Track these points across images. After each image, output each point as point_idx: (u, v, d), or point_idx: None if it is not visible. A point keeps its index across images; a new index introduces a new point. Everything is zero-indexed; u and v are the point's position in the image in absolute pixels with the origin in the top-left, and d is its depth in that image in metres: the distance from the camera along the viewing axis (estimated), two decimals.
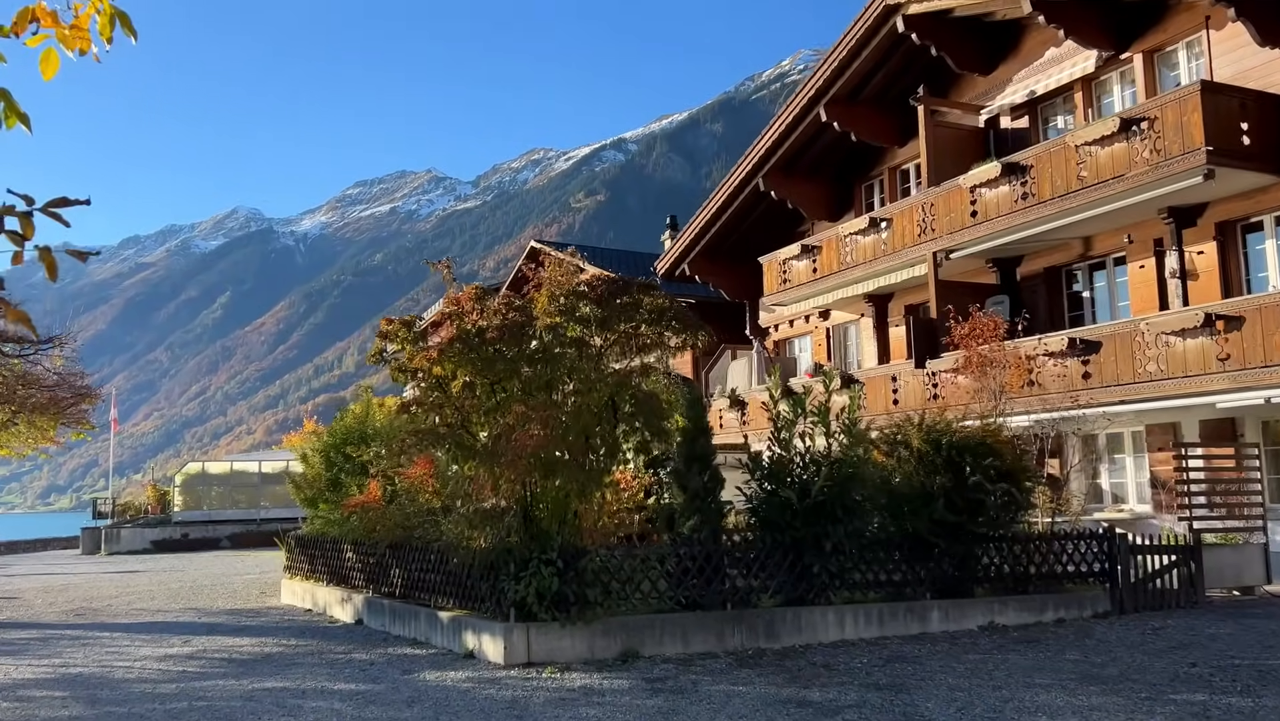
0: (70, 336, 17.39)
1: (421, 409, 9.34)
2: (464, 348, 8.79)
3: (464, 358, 8.82)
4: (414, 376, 9.64)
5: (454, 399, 9.43)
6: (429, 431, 9.27)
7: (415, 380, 9.57)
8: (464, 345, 8.79)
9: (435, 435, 9.07)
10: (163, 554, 32.85)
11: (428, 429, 9.29)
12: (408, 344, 9.55)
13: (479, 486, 9.83)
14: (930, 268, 17.17)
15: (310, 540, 14.55)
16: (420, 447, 9.10)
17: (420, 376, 9.40)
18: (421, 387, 9.50)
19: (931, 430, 10.58)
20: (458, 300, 9.30)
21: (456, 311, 9.14)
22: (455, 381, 8.78)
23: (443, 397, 9.41)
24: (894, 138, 20.27)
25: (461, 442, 9.13)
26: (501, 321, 8.93)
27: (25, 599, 17.91)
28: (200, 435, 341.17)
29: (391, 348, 9.96)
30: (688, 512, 10.34)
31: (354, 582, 13.11)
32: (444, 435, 9.07)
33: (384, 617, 11.96)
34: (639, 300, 9.34)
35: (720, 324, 19.86)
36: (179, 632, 12.56)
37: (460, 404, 9.54)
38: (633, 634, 9.59)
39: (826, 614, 10.21)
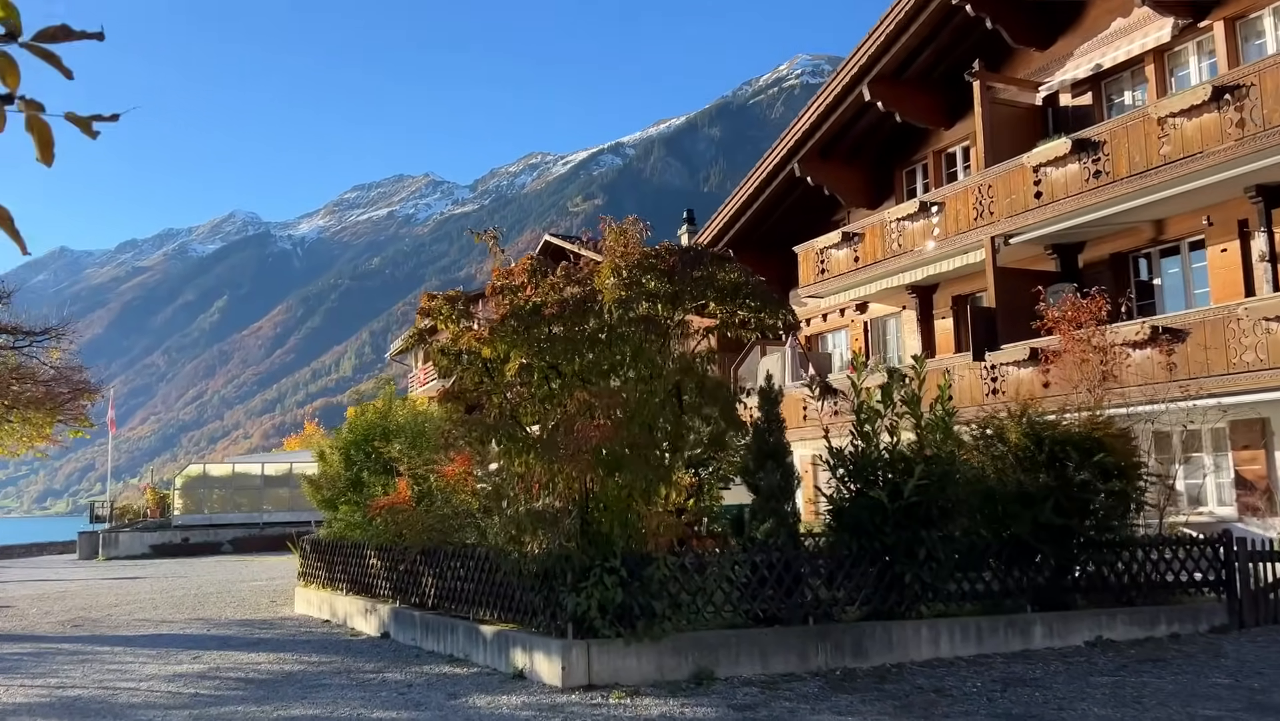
0: (68, 328, 16.25)
1: (471, 397, 8.21)
2: (519, 326, 7.68)
3: (518, 337, 7.71)
4: (458, 360, 8.52)
5: (502, 386, 8.31)
6: (476, 422, 8.14)
7: (460, 365, 8.45)
8: (519, 323, 7.68)
9: (484, 426, 7.95)
10: (163, 559, 31.66)
11: (475, 419, 8.16)
12: (451, 323, 8.43)
13: (530, 485, 8.71)
14: (988, 253, 16.08)
15: (328, 545, 13.41)
16: (468, 440, 7.99)
17: (466, 360, 8.28)
18: (467, 373, 8.38)
19: (1033, 423, 9.47)
20: (509, 272, 8.18)
21: (508, 285, 8.02)
22: (510, 364, 7.66)
23: (490, 384, 8.29)
24: (940, 118, 19.21)
25: (513, 435, 8.01)
26: (560, 297, 7.82)
27: (19, 607, 16.73)
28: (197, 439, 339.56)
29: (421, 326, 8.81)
30: (762, 515, 9.22)
31: (379, 592, 11.97)
32: (493, 426, 7.95)
33: (414, 631, 10.82)
34: (713, 274, 8.23)
35: None
36: (187, 646, 11.41)
37: (507, 391, 8.42)
38: (705, 652, 8.46)
39: (919, 629, 9.08)
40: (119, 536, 33.86)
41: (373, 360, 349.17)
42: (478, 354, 8.17)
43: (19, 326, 15.83)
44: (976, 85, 16.59)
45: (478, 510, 10.17)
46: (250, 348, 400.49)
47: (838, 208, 21.87)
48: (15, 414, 15.53)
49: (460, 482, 10.08)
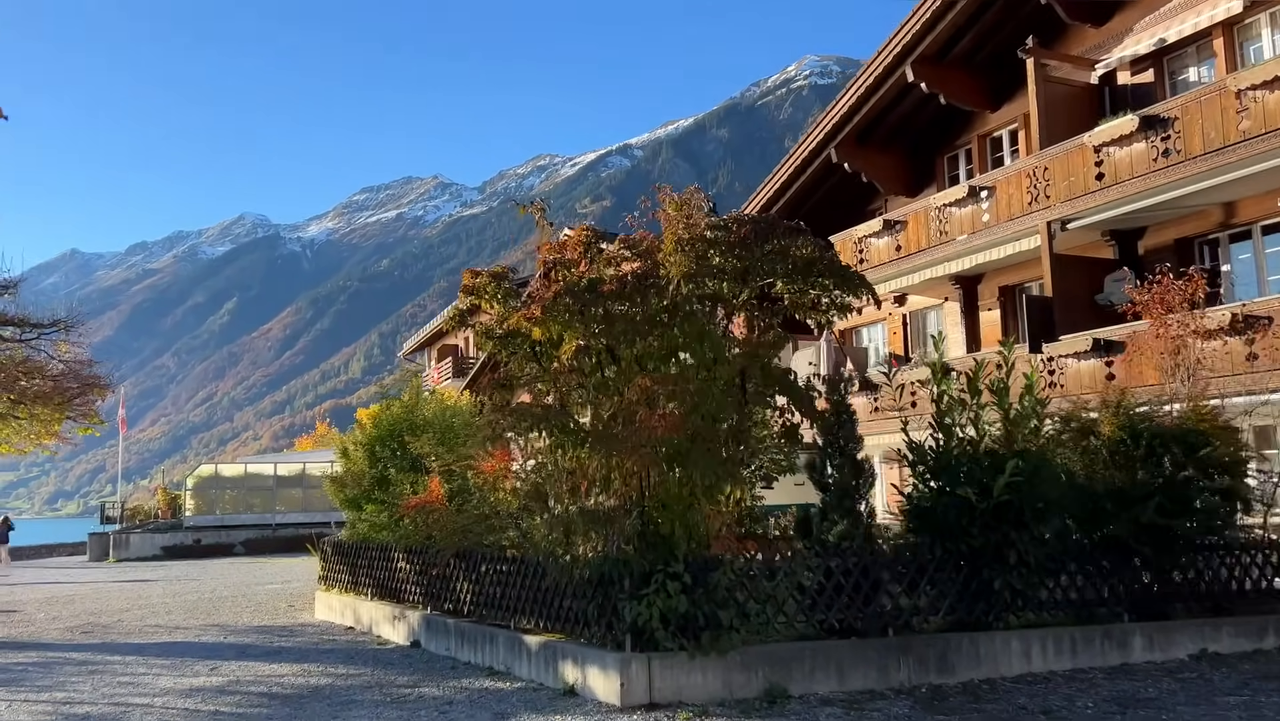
0: (77, 321, 15.52)
1: (521, 384, 7.42)
2: (574, 304, 6.88)
3: (574, 317, 6.91)
4: (504, 343, 7.73)
5: (552, 372, 7.52)
6: (524, 411, 7.35)
7: (506, 348, 7.65)
8: (574, 301, 6.89)
9: (534, 416, 7.16)
10: (174, 560, 31.01)
11: (523, 408, 7.36)
12: (497, 302, 7.63)
13: (578, 481, 7.91)
14: (1044, 240, 15.22)
15: (352, 547, 12.63)
16: (517, 431, 7.20)
17: (514, 343, 7.49)
18: (514, 357, 7.58)
19: (1130, 415, 8.63)
20: (562, 245, 7.38)
21: (560, 260, 7.22)
22: (564, 347, 6.86)
23: (539, 370, 7.50)
24: (985, 101, 18.37)
25: (566, 426, 7.21)
26: (618, 272, 7.02)
27: (26, 612, 16.02)
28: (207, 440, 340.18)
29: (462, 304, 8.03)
30: (834, 515, 8.40)
31: (408, 597, 11.18)
32: (544, 416, 7.16)
33: (448, 640, 10.02)
34: (785, 247, 7.42)
35: None
36: (203, 656, 10.65)
37: (558, 378, 7.62)
38: (777, 666, 7.65)
39: (1009, 640, 8.25)
40: (130, 538, 33.23)
41: (382, 361, 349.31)
42: (527, 336, 7.38)
43: (25, 319, 15.12)
44: (1030, 62, 15.73)
45: (517, 509, 9.37)
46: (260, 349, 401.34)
47: (874, 196, 21.04)
48: (22, 409, 14.81)
49: (499, 480, 9.29)
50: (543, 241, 7.61)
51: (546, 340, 7.25)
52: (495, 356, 7.71)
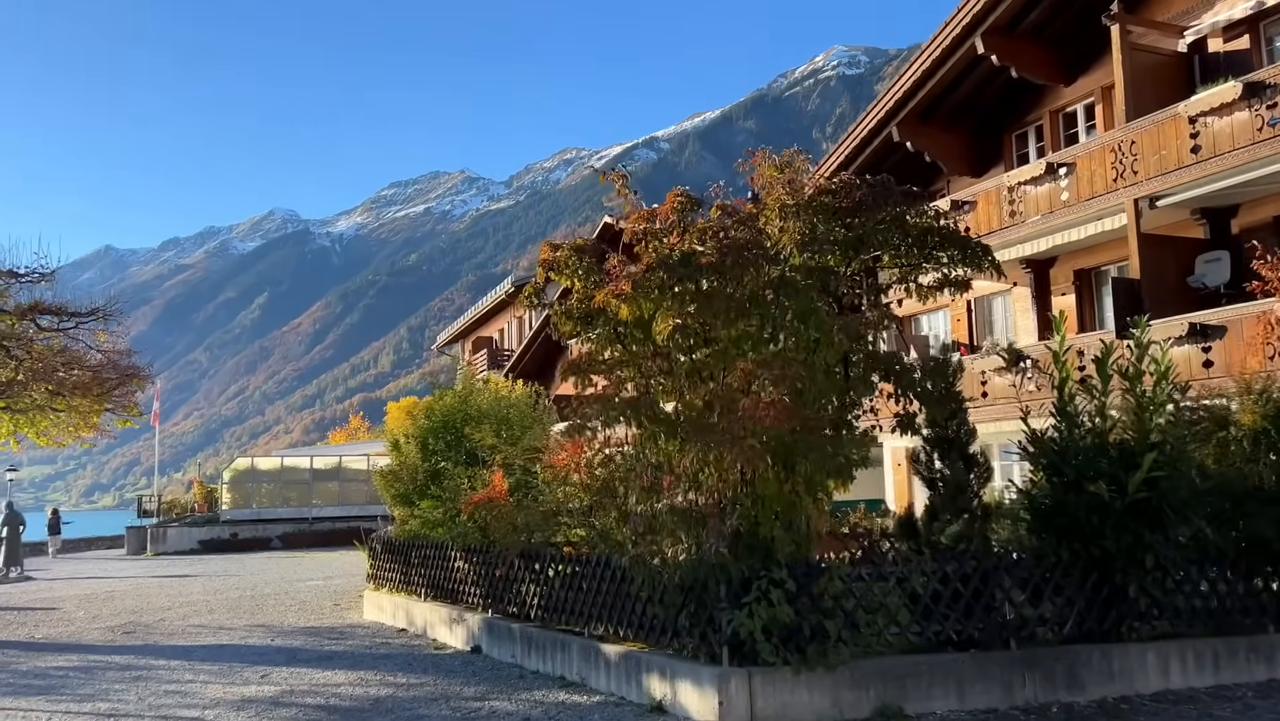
0: (116, 309, 15.00)
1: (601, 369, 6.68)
2: (669, 278, 6.13)
3: (668, 293, 6.16)
4: (587, 324, 6.99)
5: (638, 355, 6.78)
6: (612, 401, 6.61)
7: (587, 328, 6.92)
8: (669, 275, 6.13)
9: (624, 405, 6.42)
10: (211, 554, 30.69)
11: (607, 395, 6.63)
12: (579, 278, 6.89)
13: (665, 476, 7.17)
14: (1131, 218, 14.24)
15: (404, 544, 11.98)
16: (605, 422, 6.46)
17: (598, 322, 6.76)
18: (597, 339, 6.85)
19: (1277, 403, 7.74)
20: (652, 213, 6.62)
21: (650, 230, 6.47)
22: (658, 325, 6.11)
23: (625, 354, 6.76)
24: (1059, 74, 17.35)
25: (657, 415, 6.46)
26: (717, 243, 6.26)
27: (65, 610, 15.57)
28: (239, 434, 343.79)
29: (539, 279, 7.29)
30: (946, 514, 7.59)
31: (467, 599, 10.51)
32: (633, 405, 6.42)
33: (513, 646, 9.33)
34: (901, 214, 6.62)
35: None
36: (252, 661, 10.04)
37: (643, 362, 6.88)
38: (891, 683, 6.88)
39: (1145, 653, 7.41)
40: (167, 532, 33.00)
41: (410, 355, 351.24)
42: (612, 316, 6.64)
43: (63, 307, 14.62)
44: (1115, 29, 14.74)
45: (589, 505, 8.65)
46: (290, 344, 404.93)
47: (936, 176, 20.07)
48: (61, 400, 14.31)
49: (570, 474, 8.56)
50: (631, 211, 6.84)
51: (634, 320, 6.51)
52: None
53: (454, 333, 50.21)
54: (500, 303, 42.53)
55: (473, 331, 47.68)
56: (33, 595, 18.44)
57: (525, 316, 41.57)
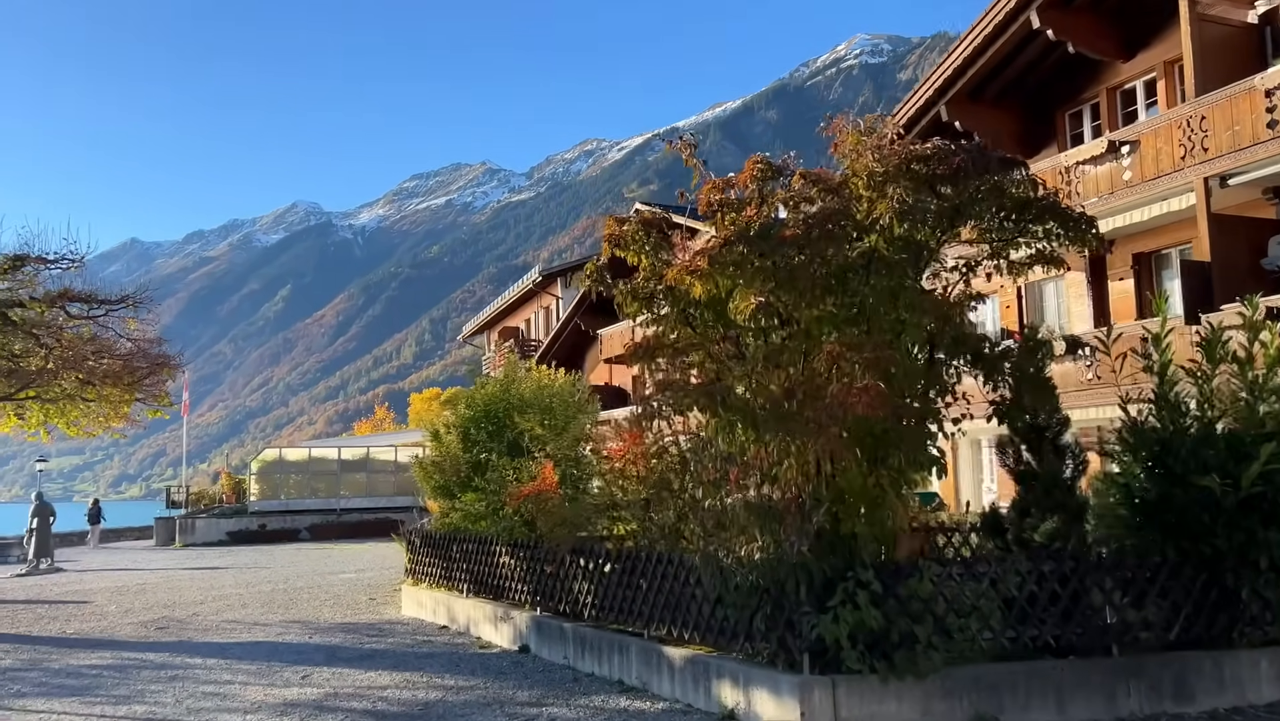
0: (146, 296, 14.66)
1: (668, 352, 6.17)
2: (750, 252, 5.61)
3: (749, 269, 5.64)
4: (648, 305, 6.48)
5: (709, 338, 6.27)
6: (679, 386, 6.11)
7: (652, 310, 6.41)
8: (750, 249, 5.61)
9: (699, 392, 5.92)
10: (240, 545, 30.51)
11: (677, 382, 6.12)
12: (647, 254, 6.38)
13: (732, 470, 6.67)
14: (1201, 197, 13.55)
15: (444, 538, 11.55)
16: (677, 409, 5.96)
17: (667, 302, 6.25)
18: (663, 320, 6.33)
19: None
20: (727, 183, 6.09)
21: (726, 201, 5.94)
22: (736, 303, 5.58)
23: (696, 336, 6.25)
24: (1118, 49, 16.64)
25: (730, 402, 5.95)
26: (803, 214, 5.72)
27: (97, 603, 15.29)
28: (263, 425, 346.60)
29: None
30: (1039, 511, 7.03)
31: (514, 596, 10.06)
32: (709, 392, 5.92)
33: (564, 646, 8.86)
34: (999, 183, 6.06)
35: None
36: (290, 659, 9.64)
37: (715, 345, 6.37)
38: (985, 692, 6.36)
39: (1259, 661, 6.84)
40: (195, 523, 32.85)
41: (433, 347, 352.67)
42: (683, 294, 6.12)
43: (93, 295, 14.28)
44: (1183, 0, 14.02)
45: (646, 499, 8.15)
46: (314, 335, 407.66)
47: None
48: (91, 390, 13.98)
49: (629, 465, 8.07)
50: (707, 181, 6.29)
51: (708, 299, 5.99)
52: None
53: (480, 323, 49.89)
54: (527, 292, 42.13)
55: (499, 321, 47.33)
56: (64, 587, 18.22)
57: (553, 306, 41.13)
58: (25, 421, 15.11)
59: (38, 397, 14.09)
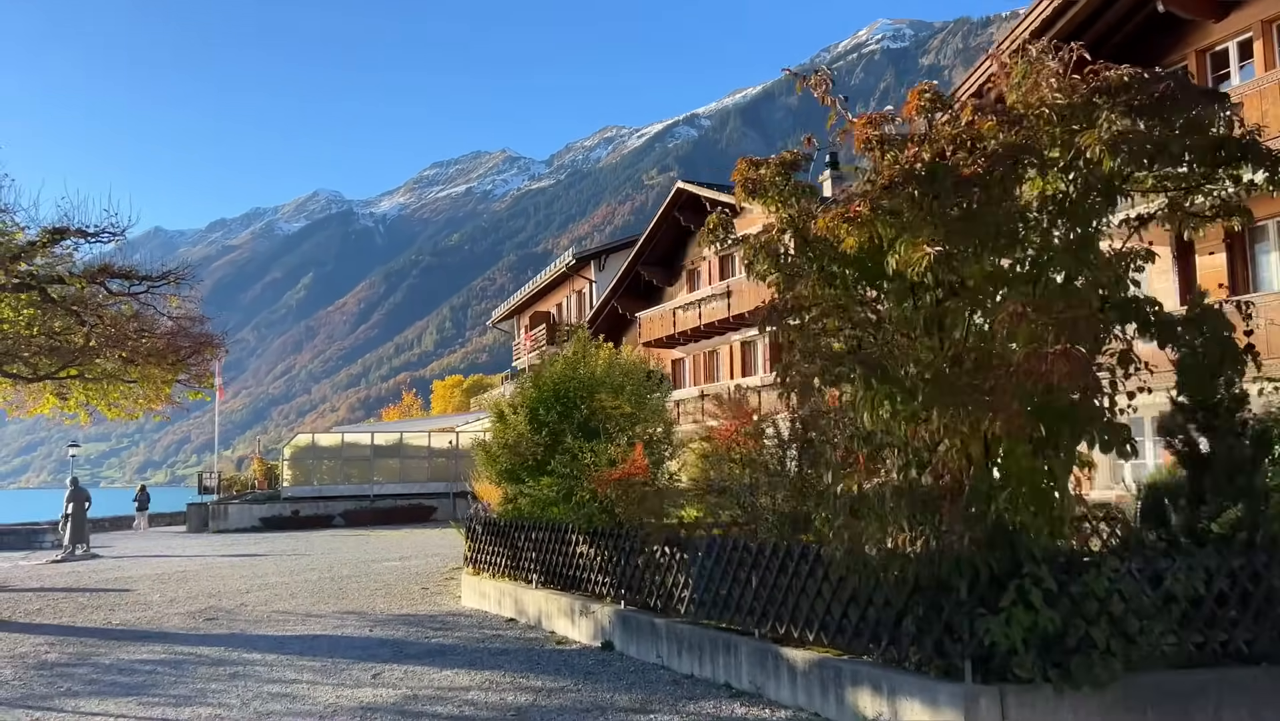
0: (189, 272, 14.00)
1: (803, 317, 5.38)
2: (922, 195, 4.80)
3: (919, 215, 4.83)
4: (777, 264, 5.68)
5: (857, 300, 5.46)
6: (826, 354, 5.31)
7: (785, 267, 5.60)
8: (922, 191, 4.80)
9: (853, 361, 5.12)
10: (273, 532, 30.04)
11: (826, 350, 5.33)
12: (783, 202, 5.58)
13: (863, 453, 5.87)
14: None
15: (510, 525, 10.83)
16: (826, 381, 5.17)
17: (808, 257, 5.45)
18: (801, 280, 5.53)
19: None
20: (883, 117, 5.26)
21: (886, 138, 5.12)
22: (905, 255, 4.78)
23: (840, 297, 5.44)
24: (1209, 8, 15.62)
25: (889, 374, 5.15)
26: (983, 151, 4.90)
27: (139, 591, 14.73)
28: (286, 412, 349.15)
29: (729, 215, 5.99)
30: (1217, 498, 6.19)
31: (593, 588, 9.32)
32: (864, 361, 5.12)
33: (656, 644, 8.12)
34: (1199, 119, 5.21)
35: None
36: (355, 655, 8.96)
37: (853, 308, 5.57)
38: (1171, 704, 5.56)
39: None
40: (228, 509, 32.44)
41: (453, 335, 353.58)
42: (828, 249, 5.32)
43: (134, 270, 13.64)
44: None
45: (751, 483, 7.39)
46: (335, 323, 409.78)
47: None
48: (134, 369, 13.35)
49: (735, 447, 7.31)
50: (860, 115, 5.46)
51: (859, 253, 5.19)
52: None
53: (510, 308, 49.24)
54: (560, 276, 41.40)
55: (529, 306, 46.65)
56: (103, 575, 17.71)
57: (586, 290, 40.38)
58: (66, 402, 14.52)
59: (80, 377, 13.49)
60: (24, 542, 27.55)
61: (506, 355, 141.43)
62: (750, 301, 24.92)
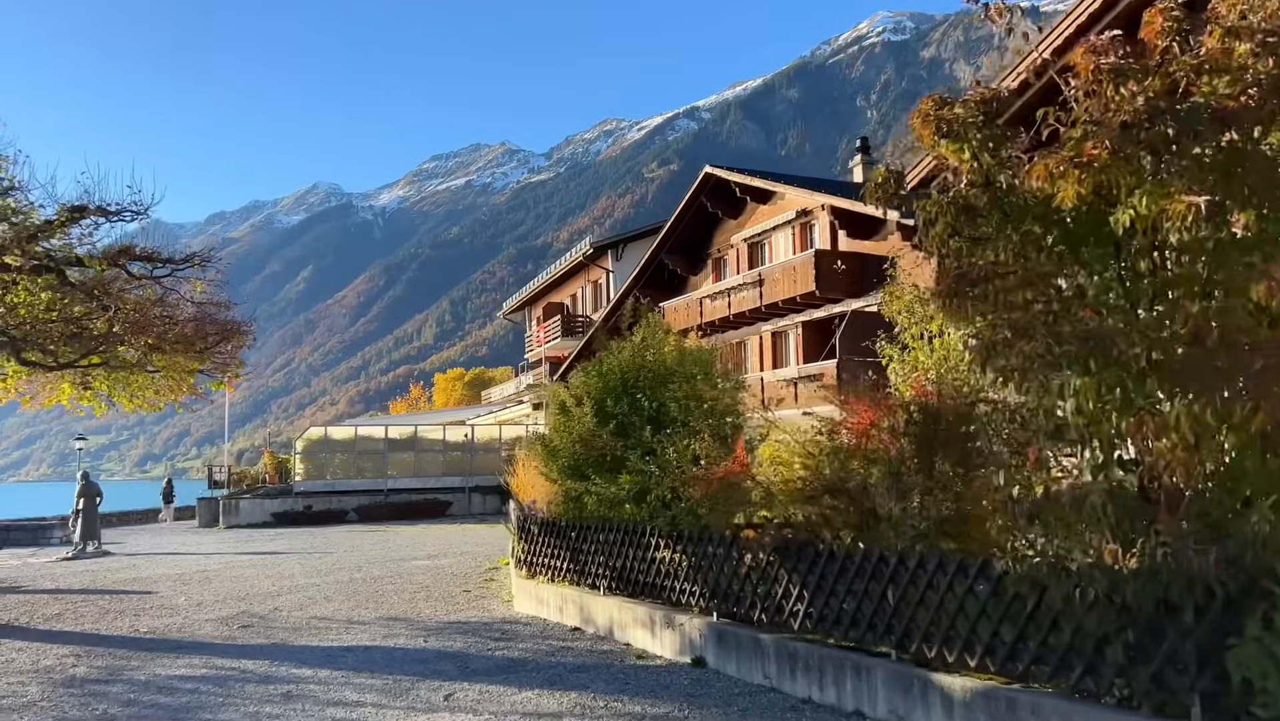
0: (213, 253, 13.11)
1: (1006, 285, 4.51)
2: (1181, 133, 3.93)
3: (1170, 158, 3.96)
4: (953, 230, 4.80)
5: (1061, 265, 4.59)
6: (1047, 331, 4.45)
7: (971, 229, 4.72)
8: (1181, 128, 3.93)
9: (1092, 334, 4.26)
10: (286, 527, 29.21)
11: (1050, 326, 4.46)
12: (979, 146, 4.69)
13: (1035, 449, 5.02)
14: None
15: (572, 526, 9.96)
16: (1049, 363, 4.27)
17: (1005, 216, 4.57)
18: (996, 243, 4.65)
19: None
20: (1108, 45, 4.36)
21: (1119, 68, 4.22)
22: (1148, 202, 3.91)
23: (1048, 263, 4.57)
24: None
25: (1117, 355, 4.29)
26: (1252, 79, 4.03)
27: (162, 593, 13.88)
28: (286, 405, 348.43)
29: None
30: None
31: (677, 597, 8.46)
32: (1097, 335, 4.26)
33: (762, 662, 7.26)
34: None
35: None
36: (417, 671, 8.10)
37: (1058, 280, 4.70)
38: None
39: None
40: (239, 504, 31.58)
41: (453, 328, 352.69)
42: (1034, 206, 4.45)
43: (156, 253, 12.75)
44: None
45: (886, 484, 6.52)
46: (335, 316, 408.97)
47: None
48: (161, 357, 12.47)
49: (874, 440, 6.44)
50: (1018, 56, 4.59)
51: (1083, 207, 4.32)
52: (936, 240, 4.78)
53: (522, 299, 48.36)
54: (576, 265, 40.52)
55: (543, 297, 45.76)
56: (119, 574, 16.85)
57: (602, 280, 39.48)
58: (86, 393, 13.61)
59: (104, 365, 12.60)
60: (31, 539, 26.72)
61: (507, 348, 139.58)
62: (784, 290, 24.04)
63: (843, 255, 22.90)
